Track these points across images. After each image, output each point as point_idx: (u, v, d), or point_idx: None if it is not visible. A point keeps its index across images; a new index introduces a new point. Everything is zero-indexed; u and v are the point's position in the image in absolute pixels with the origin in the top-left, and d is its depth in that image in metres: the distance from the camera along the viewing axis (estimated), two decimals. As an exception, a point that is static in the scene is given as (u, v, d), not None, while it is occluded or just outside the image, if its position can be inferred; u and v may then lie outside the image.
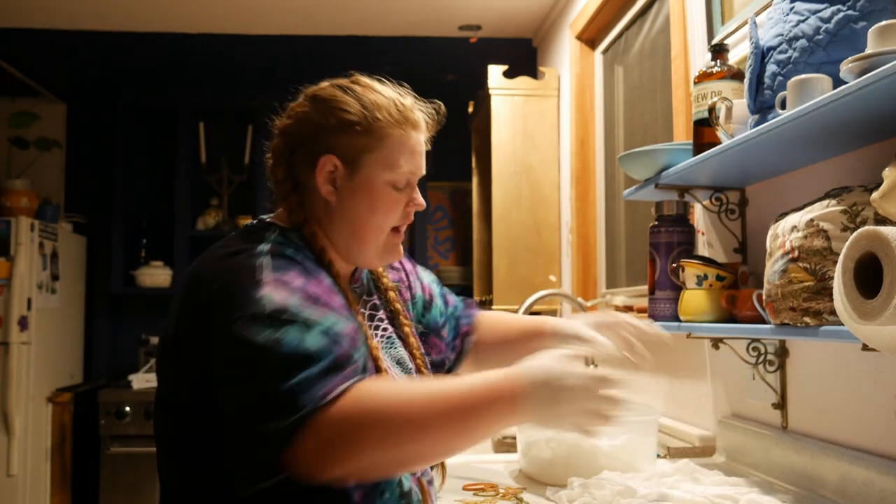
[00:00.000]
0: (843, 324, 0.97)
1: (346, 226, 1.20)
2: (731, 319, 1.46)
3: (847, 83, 1.00)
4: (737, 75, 1.51)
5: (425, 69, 4.09)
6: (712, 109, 1.42)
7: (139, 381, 3.84)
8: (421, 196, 1.24)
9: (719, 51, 1.55)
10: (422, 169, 1.23)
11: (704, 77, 1.53)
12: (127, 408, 3.73)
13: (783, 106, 1.18)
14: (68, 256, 4.03)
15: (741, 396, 1.73)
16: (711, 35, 1.95)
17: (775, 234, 1.21)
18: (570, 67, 3.19)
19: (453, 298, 1.50)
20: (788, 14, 1.22)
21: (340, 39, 3.89)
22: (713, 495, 1.32)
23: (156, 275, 4.16)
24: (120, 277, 4.17)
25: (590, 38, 3.12)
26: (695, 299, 1.50)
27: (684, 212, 1.71)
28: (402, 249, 1.27)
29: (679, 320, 1.56)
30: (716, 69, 1.52)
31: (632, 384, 1.06)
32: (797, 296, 1.12)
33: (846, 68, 1.03)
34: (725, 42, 1.75)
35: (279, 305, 0.99)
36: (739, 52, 1.75)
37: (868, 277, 0.90)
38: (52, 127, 4.26)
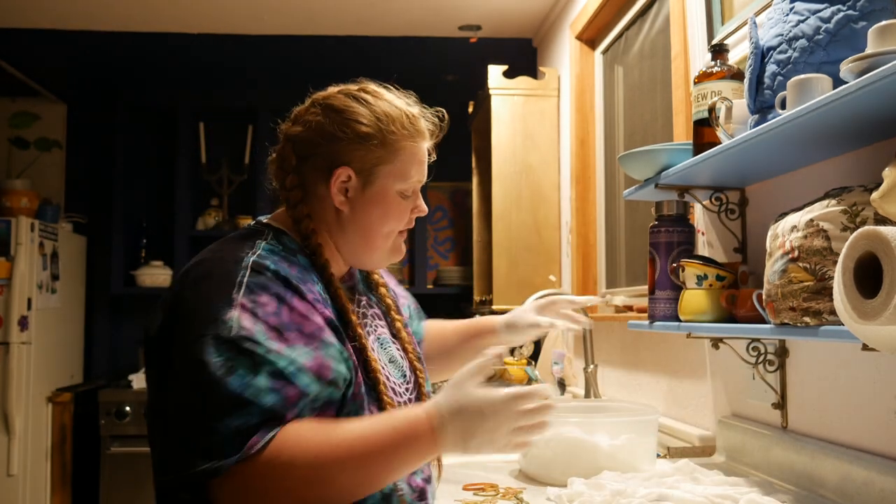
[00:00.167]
0: (843, 324, 0.97)
1: (358, 233, 1.22)
2: (731, 319, 1.46)
3: (847, 83, 1.00)
4: (737, 75, 1.51)
5: (425, 69, 4.09)
6: (712, 109, 1.42)
7: (139, 381, 3.84)
8: (423, 202, 1.28)
9: (719, 51, 1.55)
10: (426, 176, 1.27)
11: (704, 77, 1.53)
12: (127, 408, 3.73)
13: (783, 106, 1.18)
14: (68, 256, 4.03)
15: (741, 396, 1.74)
16: (711, 35, 1.95)
17: (775, 234, 1.21)
18: (570, 67, 3.19)
19: (407, 311, 1.51)
20: (788, 14, 1.22)
21: (340, 39, 3.89)
22: (713, 495, 1.32)
23: (156, 275, 4.16)
24: (120, 277, 4.17)
25: (590, 38, 3.12)
26: (695, 299, 1.50)
27: (684, 212, 1.71)
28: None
29: (679, 320, 1.56)
30: (716, 69, 1.52)
31: (546, 393, 1.10)
32: (797, 296, 1.12)
33: (846, 68, 1.03)
34: (725, 42, 1.75)
35: (243, 333, 1.01)
36: (739, 52, 1.75)
37: (868, 277, 0.90)
38: (52, 127, 4.25)
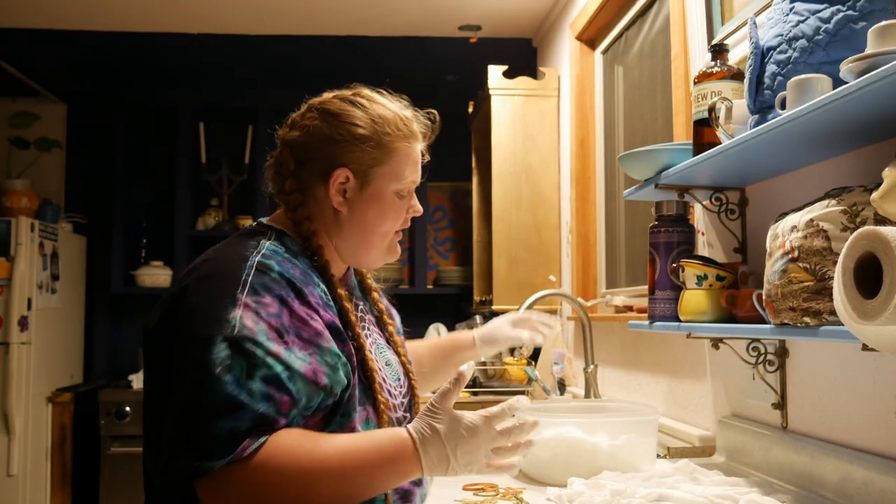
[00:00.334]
0: (843, 324, 0.96)
1: (356, 233, 1.26)
2: (731, 319, 1.45)
3: (847, 83, 1.00)
4: (737, 75, 1.50)
5: (425, 69, 4.09)
6: (712, 109, 1.41)
7: (139, 381, 3.83)
8: (418, 202, 1.32)
9: (719, 51, 1.55)
10: (420, 177, 1.31)
11: (704, 77, 1.53)
12: (127, 408, 3.72)
13: (783, 106, 1.18)
14: (68, 256, 4.03)
15: (741, 396, 1.74)
16: (711, 35, 1.95)
17: (775, 234, 1.21)
18: (570, 67, 3.18)
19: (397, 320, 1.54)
20: (788, 14, 1.22)
21: (340, 40, 3.89)
22: (713, 495, 1.32)
23: (156, 275, 4.16)
24: (120, 277, 4.17)
25: (590, 38, 3.12)
26: (695, 299, 1.50)
27: (684, 212, 1.71)
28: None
29: (679, 320, 1.56)
30: (716, 69, 1.52)
31: (518, 406, 1.14)
32: (797, 296, 1.12)
33: (846, 68, 1.03)
34: (725, 42, 1.75)
35: (245, 332, 1.04)
36: (739, 52, 1.75)
37: (868, 277, 0.90)
38: (52, 127, 4.25)
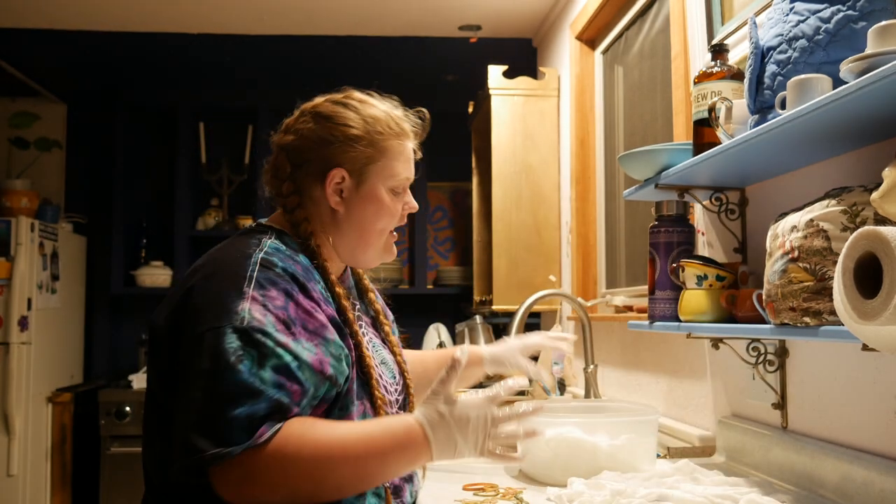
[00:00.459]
0: (843, 324, 0.97)
1: (353, 231, 1.29)
2: (731, 319, 1.45)
3: (847, 83, 1.00)
4: (737, 75, 1.50)
5: (425, 69, 4.09)
6: (712, 109, 1.41)
7: (139, 381, 3.83)
8: (413, 198, 1.35)
9: (719, 51, 1.55)
10: (413, 174, 1.34)
11: (704, 77, 1.53)
12: (127, 408, 3.73)
13: (783, 106, 1.18)
14: (68, 256, 4.03)
15: (741, 396, 1.74)
16: (711, 35, 1.95)
17: (775, 234, 1.21)
18: (570, 67, 3.18)
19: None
20: (788, 14, 1.22)
21: (340, 40, 3.88)
22: (713, 495, 1.32)
23: (156, 275, 4.16)
24: (120, 277, 4.17)
25: (590, 38, 3.12)
26: (695, 299, 1.50)
27: (684, 212, 1.71)
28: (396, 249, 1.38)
29: (679, 320, 1.56)
30: (716, 69, 1.52)
31: (515, 387, 1.15)
32: (797, 296, 1.12)
33: (846, 68, 1.03)
34: (725, 42, 1.75)
35: (255, 324, 1.05)
36: (739, 52, 1.74)
37: (868, 277, 0.90)
38: (52, 127, 4.26)
